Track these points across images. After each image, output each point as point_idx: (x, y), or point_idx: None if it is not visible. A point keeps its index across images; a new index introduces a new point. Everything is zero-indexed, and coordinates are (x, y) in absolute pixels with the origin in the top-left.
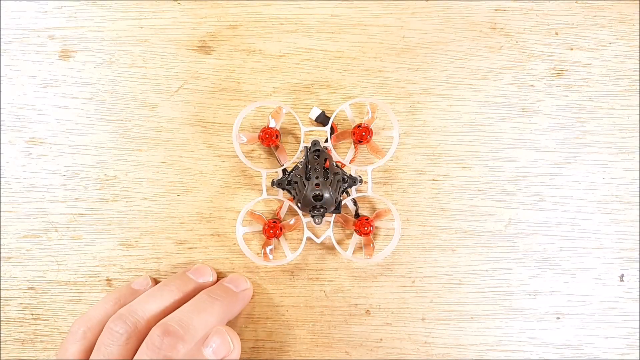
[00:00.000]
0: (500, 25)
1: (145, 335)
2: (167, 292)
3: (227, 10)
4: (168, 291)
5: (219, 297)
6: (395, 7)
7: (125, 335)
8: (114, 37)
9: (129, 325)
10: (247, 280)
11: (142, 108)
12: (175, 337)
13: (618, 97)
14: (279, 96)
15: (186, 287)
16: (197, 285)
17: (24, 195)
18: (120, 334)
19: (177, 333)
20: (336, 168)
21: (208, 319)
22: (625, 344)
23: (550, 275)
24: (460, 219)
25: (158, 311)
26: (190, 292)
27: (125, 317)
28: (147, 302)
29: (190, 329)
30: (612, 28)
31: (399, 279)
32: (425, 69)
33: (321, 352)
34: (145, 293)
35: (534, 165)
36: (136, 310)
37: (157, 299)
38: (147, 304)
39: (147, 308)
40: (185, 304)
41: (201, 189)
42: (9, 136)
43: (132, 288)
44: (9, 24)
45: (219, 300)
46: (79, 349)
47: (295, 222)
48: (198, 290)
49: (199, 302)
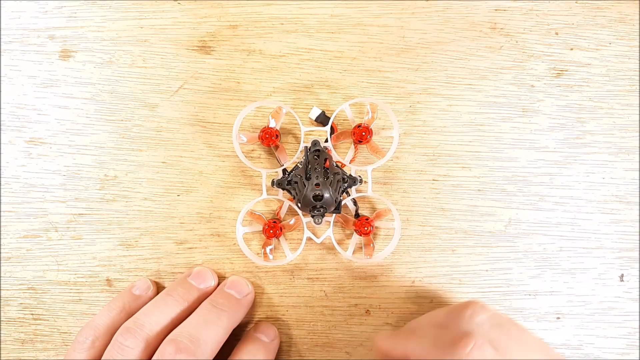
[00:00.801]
0: (500, 25)
1: (154, 348)
2: (171, 302)
3: (227, 10)
4: (172, 300)
5: (224, 308)
6: (395, 7)
7: (137, 349)
8: (114, 37)
9: (139, 340)
10: (248, 283)
11: (142, 108)
12: (187, 352)
13: (618, 97)
14: (279, 96)
15: (190, 295)
16: (201, 294)
17: (24, 195)
18: (131, 349)
19: (189, 349)
20: (336, 168)
21: (217, 332)
22: (625, 344)
23: (550, 275)
24: (460, 219)
25: (166, 323)
26: (194, 301)
27: (134, 330)
28: (153, 314)
29: (200, 343)
30: (612, 28)
31: (399, 279)
32: (425, 69)
33: (321, 352)
34: (150, 303)
35: (534, 165)
36: (144, 323)
37: (162, 310)
38: (153, 315)
39: (154, 320)
40: (192, 316)
41: (201, 189)
42: (9, 136)
43: (134, 294)
44: (9, 24)
45: (225, 312)
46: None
47: (295, 222)
48: (202, 297)
49: (206, 314)
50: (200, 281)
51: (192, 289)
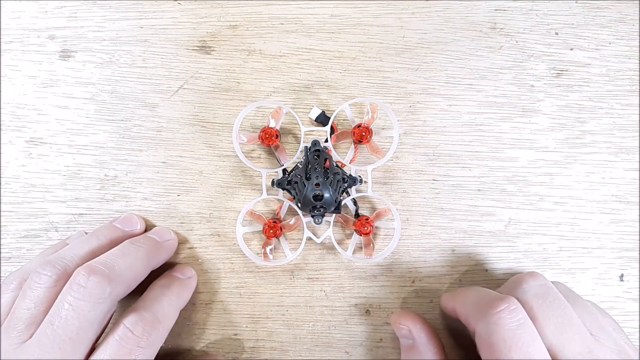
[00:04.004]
0: (500, 25)
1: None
2: (94, 240)
3: (227, 10)
4: (96, 239)
5: (142, 244)
6: (395, 7)
7: (54, 277)
8: (114, 37)
9: (58, 269)
10: (172, 232)
11: (142, 108)
12: (100, 275)
13: (618, 97)
14: (279, 96)
15: (113, 235)
16: (124, 234)
17: (24, 195)
18: (49, 276)
19: (103, 273)
20: (336, 168)
21: (133, 263)
22: None
23: (550, 275)
24: (460, 219)
25: (86, 256)
26: (117, 240)
27: (54, 262)
28: (74, 249)
29: (115, 269)
30: (612, 28)
31: (399, 279)
32: (425, 69)
33: (321, 352)
34: (74, 242)
35: (534, 165)
36: (64, 256)
37: (84, 246)
38: (75, 250)
39: (75, 253)
40: (110, 250)
41: (201, 189)
42: (9, 136)
43: (65, 242)
44: (9, 24)
45: (142, 247)
46: (12, 299)
47: (295, 222)
48: (125, 238)
49: (123, 248)
50: (126, 225)
51: (116, 230)
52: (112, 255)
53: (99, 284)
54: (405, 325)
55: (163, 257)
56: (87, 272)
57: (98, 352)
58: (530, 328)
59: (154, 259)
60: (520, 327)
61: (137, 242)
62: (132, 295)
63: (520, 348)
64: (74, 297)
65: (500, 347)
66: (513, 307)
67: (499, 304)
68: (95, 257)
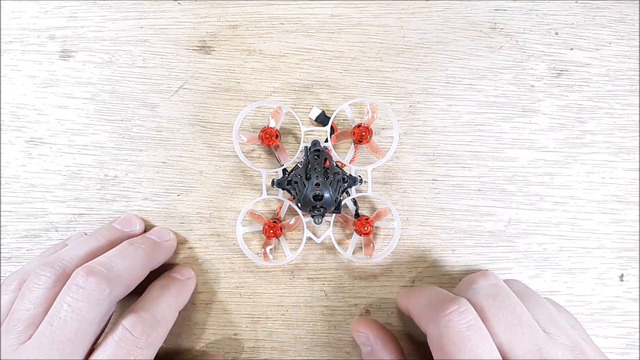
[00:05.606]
0: (500, 25)
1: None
2: (93, 241)
3: (227, 10)
4: (95, 240)
5: (141, 245)
6: (395, 7)
7: (53, 278)
8: (114, 37)
9: (57, 270)
10: (170, 232)
11: (142, 108)
12: (99, 276)
13: (618, 97)
14: (279, 96)
15: (112, 235)
16: (124, 235)
17: (24, 195)
18: (48, 277)
19: (101, 273)
20: (336, 168)
21: (131, 264)
22: (625, 343)
23: (550, 275)
24: (460, 219)
25: (85, 257)
26: (116, 241)
27: (53, 263)
28: (74, 249)
29: (113, 270)
30: (612, 28)
31: (399, 279)
32: (425, 69)
33: (321, 352)
34: (73, 243)
35: (534, 165)
36: (63, 257)
37: (83, 247)
38: (74, 250)
39: (74, 254)
40: (109, 251)
41: (201, 189)
42: (9, 136)
43: (65, 243)
44: (9, 24)
45: (141, 248)
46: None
47: (295, 222)
48: (124, 239)
49: (122, 249)
50: (125, 225)
51: (115, 231)
52: (111, 256)
53: (98, 285)
54: (363, 332)
55: (162, 258)
56: (85, 273)
57: (97, 353)
58: (480, 329)
59: (153, 260)
60: (470, 329)
61: (136, 243)
62: (131, 296)
63: (470, 349)
64: (73, 298)
65: (451, 349)
66: (463, 309)
67: (449, 305)
68: (94, 258)
